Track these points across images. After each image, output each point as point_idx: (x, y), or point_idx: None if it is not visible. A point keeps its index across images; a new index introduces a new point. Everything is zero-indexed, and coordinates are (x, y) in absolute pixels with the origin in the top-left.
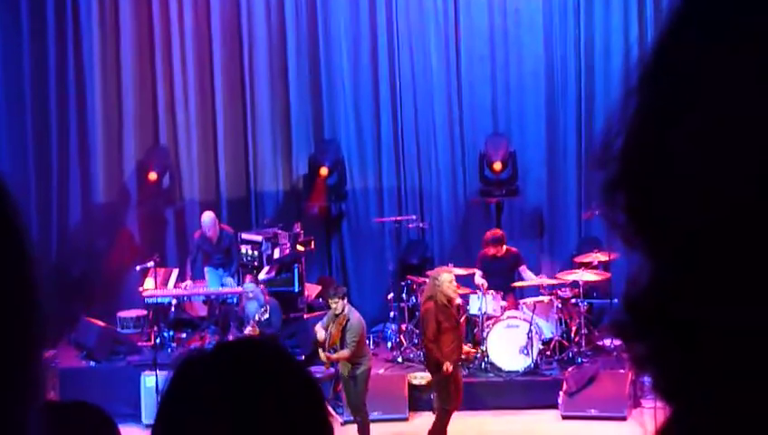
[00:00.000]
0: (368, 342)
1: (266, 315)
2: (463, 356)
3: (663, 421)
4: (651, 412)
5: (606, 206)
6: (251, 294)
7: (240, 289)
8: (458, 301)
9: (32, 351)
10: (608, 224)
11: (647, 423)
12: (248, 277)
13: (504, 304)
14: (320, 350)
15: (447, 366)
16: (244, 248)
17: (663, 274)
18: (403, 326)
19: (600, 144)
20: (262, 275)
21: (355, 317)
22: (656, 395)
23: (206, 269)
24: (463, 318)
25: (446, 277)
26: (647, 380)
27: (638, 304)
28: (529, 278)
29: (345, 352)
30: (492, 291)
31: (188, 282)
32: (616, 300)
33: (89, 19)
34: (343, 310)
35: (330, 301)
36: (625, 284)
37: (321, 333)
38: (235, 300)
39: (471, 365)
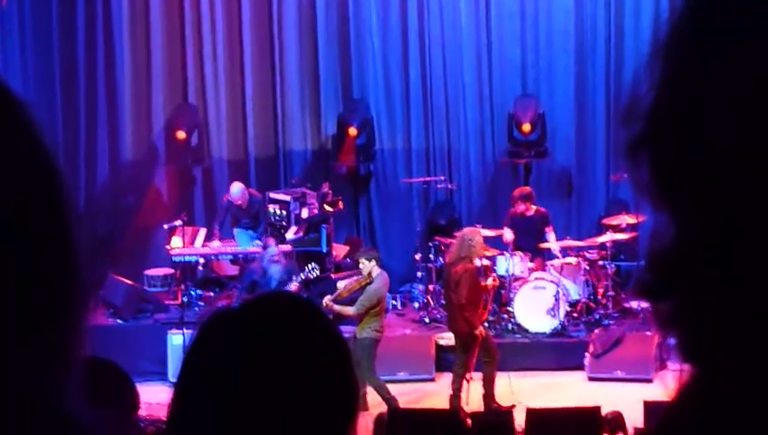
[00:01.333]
0: (382, 315)
1: (316, 272)
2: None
3: (686, 383)
4: (676, 374)
5: (630, 163)
6: (275, 257)
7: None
8: (530, 264)
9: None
10: (631, 181)
11: (670, 385)
12: (270, 240)
13: (531, 265)
14: (327, 296)
15: (481, 331)
16: (271, 208)
17: (688, 233)
18: (430, 287)
19: (627, 101)
20: (289, 235)
21: (377, 284)
22: (679, 356)
23: (234, 230)
24: (491, 280)
25: (477, 238)
26: (672, 342)
27: (662, 263)
28: (552, 241)
29: (349, 310)
30: (519, 252)
31: (217, 242)
32: (642, 261)
33: None
34: (370, 272)
35: (360, 260)
36: (649, 242)
37: (342, 283)
38: (231, 258)
39: (498, 326)
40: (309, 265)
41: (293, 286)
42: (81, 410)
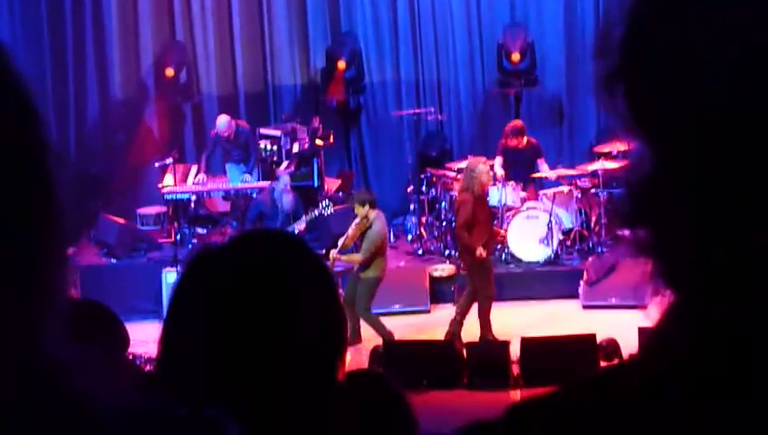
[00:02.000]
0: (385, 254)
1: (331, 210)
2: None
3: (666, 308)
4: (658, 300)
5: (605, 95)
6: (288, 187)
7: (260, 184)
8: (522, 193)
9: (52, 247)
10: (607, 112)
11: (653, 312)
12: (280, 170)
13: (523, 195)
14: (332, 250)
15: (480, 251)
16: (263, 143)
17: (662, 161)
18: (423, 219)
19: (600, 34)
20: (281, 170)
21: (377, 226)
22: (655, 281)
23: (226, 166)
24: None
25: (482, 168)
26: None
27: (639, 192)
28: (545, 171)
29: (357, 257)
30: (512, 182)
31: (201, 175)
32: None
33: None
34: (366, 216)
35: (353, 205)
36: (626, 171)
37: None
38: (254, 194)
39: (491, 256)
40: (323, 202)
41: (301, 225)
42: (62, 347)
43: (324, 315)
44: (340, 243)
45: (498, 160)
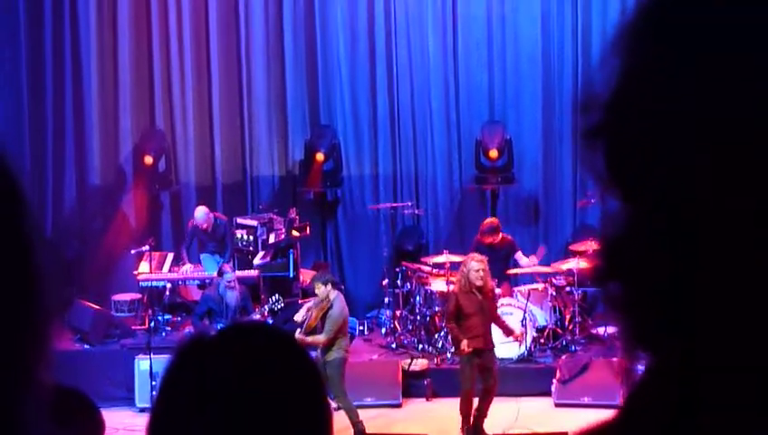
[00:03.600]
0: (349, 334)
1: (281, 305)
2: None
3: (640, 375)
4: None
5: (586, 151)
6: (231, 283)
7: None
8: (497, 290)
9: (37, 328)
10: (586, 168)
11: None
12: (226, 266)
13: (498, 291)
14: (297, 330)
15: (465, 344)
16: (239, 233)
17: (638, 219)
18: (397, 312)
19: (585, 91)
20: (257, 261)
21: (338, 307)
22: (626, 343)
23: (201, 256)
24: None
25: (474, 265)
26: (640, 367)
27: (614, 249)
28: (525, 263)
29: (321, 338)
30: None
31: (188, 266)
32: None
33: (86, 1)
34: (327, 296)
35: (315, 285)
36: (601, 228)
37: (301, 313)
38: (198, 283)
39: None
40: (273, 298)
41: (256, 316)
42: (43, 430)
43: (313, 411)
44: (304, 324)
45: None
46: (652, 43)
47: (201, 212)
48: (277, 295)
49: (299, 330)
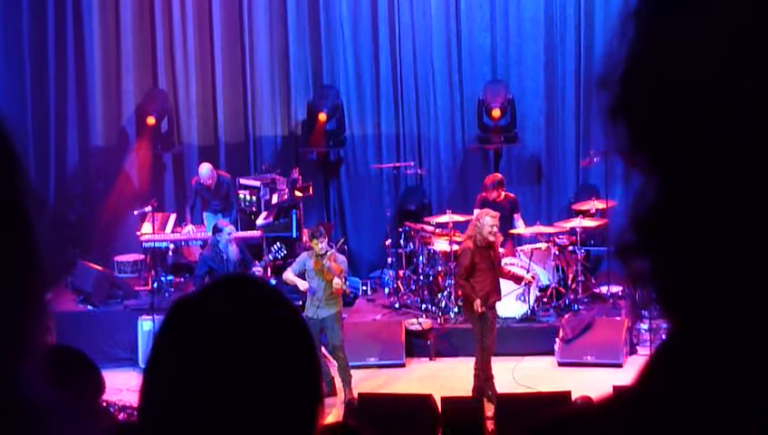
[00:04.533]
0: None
1: (283, 252)
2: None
3: (662, 342)
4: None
5: (608, 126)
6: (231, 237)
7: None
8: (501, 250)
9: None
10: (609, 144)
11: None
12: (223, 222)
13: (501, 250)
14: (335, 280)
15: (478, 305)
16: (242, 193)
17: (669, 188)
18: (400, 272)
19: (602, 67)
20: (260, 221)
21: (340, 257)
22: (657, 309)
23: (204, 214)
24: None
25: (488, 220)
26: (643, 326)
27: (645, 221)
28: (520, 227)
29: (341, 284)
30: None
31: (190, 226)
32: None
33: None
34: (329, 248)
35: (312, 241)
36: (632, 203)
37: (299, 282)
38: (201, 244)
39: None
40: (275, 246)
41: (257, 270)
42: (42, 393)
43: (302, 366)
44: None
45: (476, 213)
46: (668, 13)
47: (206, 169)
48: (279, 244)
49: (336, 280)
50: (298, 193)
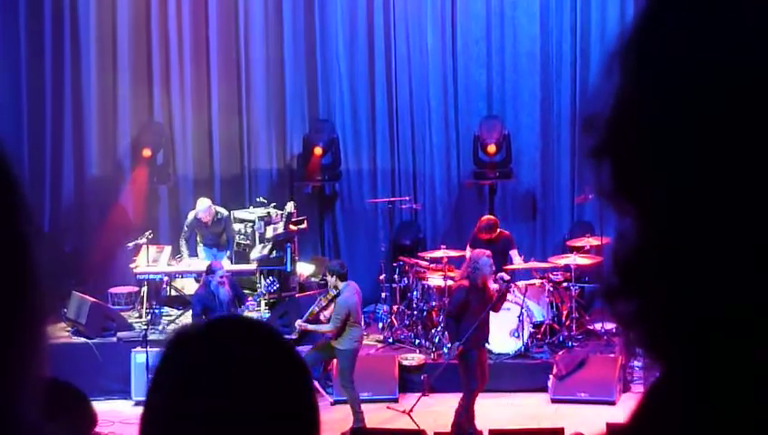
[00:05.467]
0: (359, 324)
1: (275, 286)
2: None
3: (653, 382)
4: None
5: (592, 169)
6: (222, 279)
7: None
8: (494, 286)
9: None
10: (594, 186)
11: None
12: (216, 263)
13: (495, 286)
14: (298, 320)
15: (454, 348)
16: (237, 226)
17: (648, 233)
18: (394, 307)
19: (587, 110)
20: (254, 254)
21: (344, 296)
22: (643, 353)
23: (199, 249)
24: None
25: (485, 261)
26: (636, 364)
27: (627, 264)
28: (517, 263)
29: (325, 327)
30: None
31: (187, 260)
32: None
33: None
34: (336, 285)
35: (326, 274)
36: (613, 246)
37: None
38: (195, 277)
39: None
40: (267, 280)
41: (251, 304)
42: (38, 425)
43: (298, 401)
44: (307, 312)
45: (470, 251)
46: (651, 59)
47: (204, 204)
48: (271, 278)
49: (299, 320)
50: (293, 227)
